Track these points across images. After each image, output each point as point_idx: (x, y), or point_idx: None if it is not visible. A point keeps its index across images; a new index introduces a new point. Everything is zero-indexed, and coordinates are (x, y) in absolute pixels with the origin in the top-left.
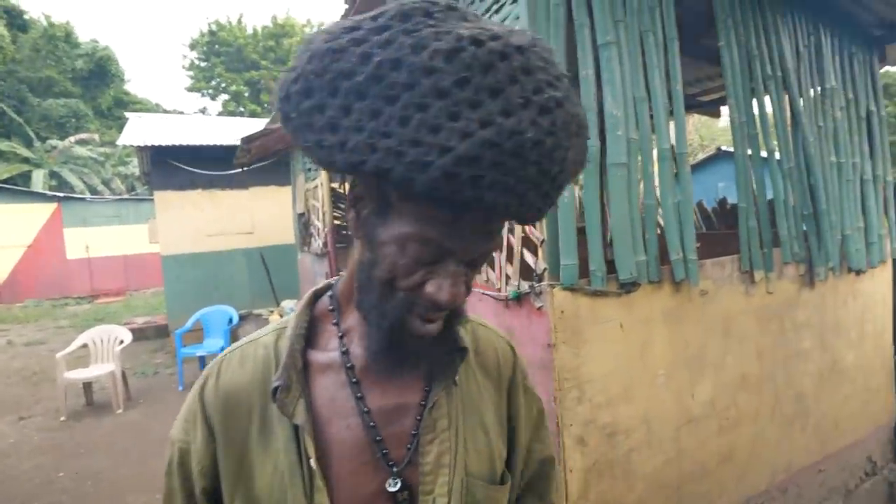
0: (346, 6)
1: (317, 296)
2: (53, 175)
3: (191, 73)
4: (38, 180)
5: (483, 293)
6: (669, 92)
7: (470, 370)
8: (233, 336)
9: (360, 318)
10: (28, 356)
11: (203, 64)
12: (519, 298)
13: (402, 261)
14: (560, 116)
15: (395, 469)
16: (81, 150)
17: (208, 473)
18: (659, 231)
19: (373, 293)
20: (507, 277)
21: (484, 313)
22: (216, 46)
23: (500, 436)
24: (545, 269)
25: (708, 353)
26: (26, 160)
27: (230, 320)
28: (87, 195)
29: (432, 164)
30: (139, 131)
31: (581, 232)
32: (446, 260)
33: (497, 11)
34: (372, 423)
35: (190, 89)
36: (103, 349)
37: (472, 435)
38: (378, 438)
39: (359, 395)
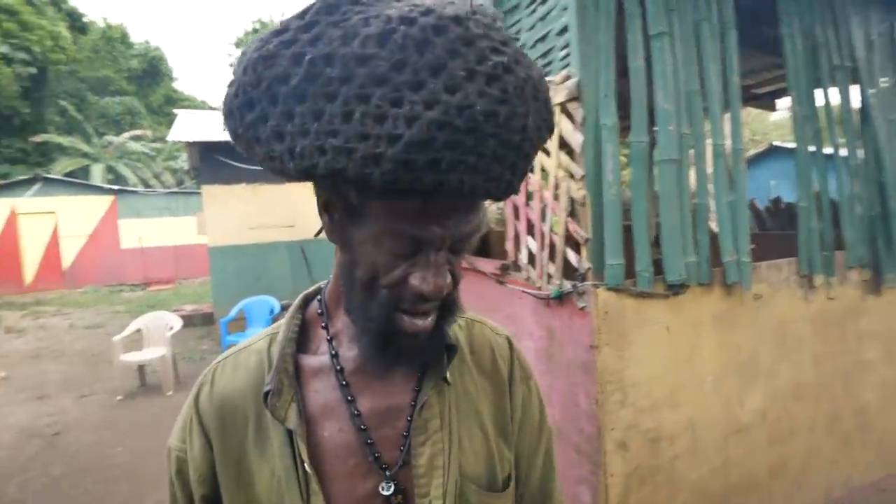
0: None
1: (307, 300)
2: (110, 169)
3: None
4: (97, 174)
5: (523, 291)
6: (724, 84)
7: (465, 368)
8: None
9: (348, 321)
10: (88, 338)
11: None
12: (561, 298)
13: (380, 258)
14: (510, 82)
15: (388, 472)
16: (135, 146)
17: (207, 481)
18: (711, 231)
19: (357, 295)
20: (549, 276)
21: (523, 312)
22: None
23: (503, 437)
24: (589, 269)
25: (760, 360)
26: (86, 155)
27: (272, 310)
28: (140, 188)
29: (383, 156)
30: (187, 127)
31: (627, 231)
32: (425, 250)
33: (543, 2)
34: (363, 426)
35: None
36: (155, 334)
37: (469, 435)
38: (369, 441)
39: (349, 397)
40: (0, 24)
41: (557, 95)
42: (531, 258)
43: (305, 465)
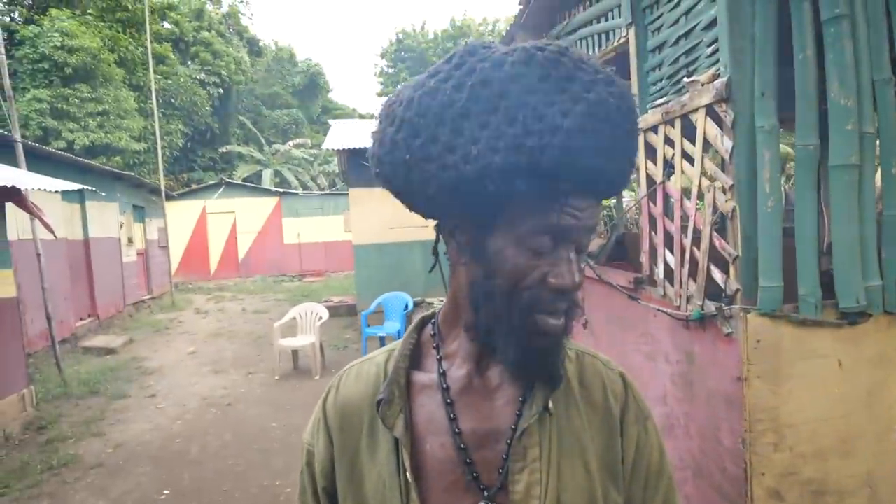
0: (521, 6)
1: (424, 322)
2: (276, 173)
3: (381, 79)
4: (266, 178)
5: (658, 310)
6: None
7: (572, 401)
8: (407, 320)
9: (462, 342)
10: (256, 322)
11: (391, 70)
12: (702, 320)
13: (521, 260)
14: (621, 85)
15: (486, 493)
16: (297, 152)
17: (327, 474)
18: None
19: (496, 305)
20: (689, 297)
21: (659, 332)
22: (402, 53)
23: (611, 478)
24: (738, 291)
25: None
26: (259, 162)
27: (406, 306)
28: (300, 190)
29: (550, 144)
30: (338, 136)
31: (788, 248)
32: (560, 247)
33: None
34: (462, 445)
35: (380, 94)
36: (307, 322)
37: (571, 470)
38: (469, 461)
39: (452, 415)
40: (198, 55)
41: (703, 97)
42: (668, 273)
43: (407, 473)
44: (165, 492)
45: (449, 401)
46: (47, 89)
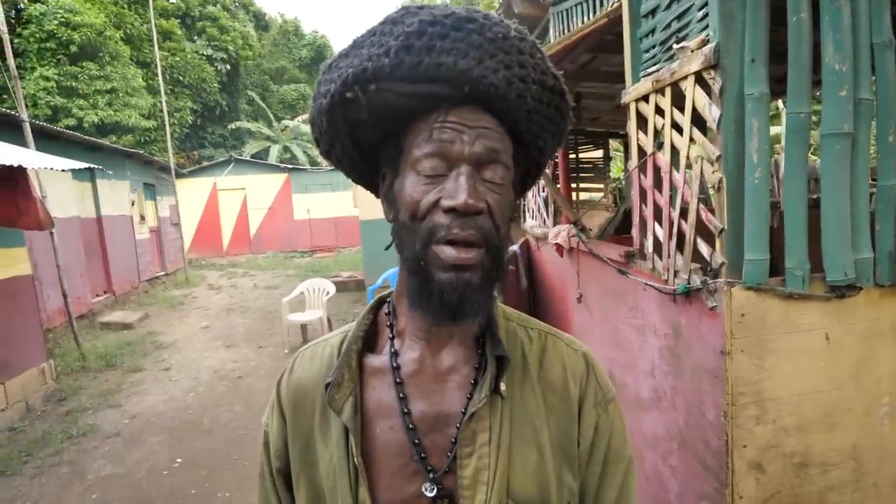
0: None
1: (381, 301)
2: (286, 149)
3: None
4: (274, 154)
5: (647, 283)
6: None
7: (528, 383)
8: None
9: (410, 315)
10: (267, 297)
11: None
12: (688, 294)
13: (415, 189)
14: (485, 15)
15: (433, 475)
16: (306, 128)
17: (281, 456)
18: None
19: (403, 240)
20: (676, 271)
21: (648, 306)
22: None
23: (566, 462)
24: (723, 264)
25: None
26: (268, 138)
27: None
28: (308, 167)
29: (389, 46)
30: None
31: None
32: (452, 168)
33: None
34: (411, 426)
35: None
36: (315, 298)
37: (522, 454)
38: (416, 442)
39: (402, 395)
40: (205, 30)
41: (692, 64)
42: (658, 246)
43: (355, 458)
44: (178, 460)
45: (399, 380)
46: (55, 68)
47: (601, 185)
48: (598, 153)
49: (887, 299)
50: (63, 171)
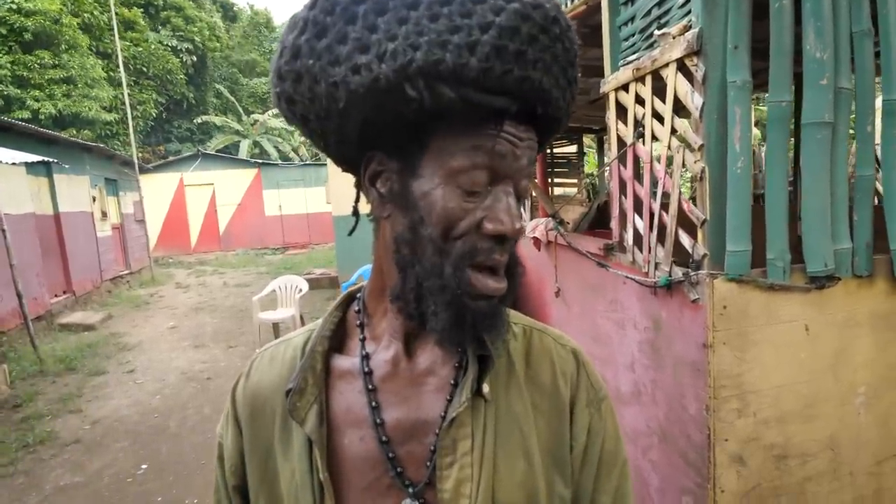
0: None
1: (350, 298)
2: (255, 144)
3: None
4: (244, 149)
5: (627, 276)
6: None
7: (514, 383)
8: None
9: (391, 318)
10: (237, 296)
11: None
12: (670, 286)
13: (453, 201)
14: (556, 4)
15: (411, 490)
16: (276, 122)
17: (237, 472)
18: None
19: (424, 262)
20: (657, 263)
21: (628, 299)
22: None
23: (557, 469)
24: (705, 255)
25: None
26: (237, 132)
27: None
28: (280, 162)
29: (479, 41)
30: None
31: (757, 211)
32: (498, 185)
33: None
34: (384, 438)
35: None
36: (287, 295)
37: (509, 463)
38: (391, 455)
39: (374, 403)
40: (170, 20)
41: (673, 51)
42: (638, 239)
43: (320, 473)
44: (143, 466)
45: (371, 387)
46: (7, 55)
47: (575, 181)
48: (573, 148)
49: (864, 290)
50: (14, 164)
